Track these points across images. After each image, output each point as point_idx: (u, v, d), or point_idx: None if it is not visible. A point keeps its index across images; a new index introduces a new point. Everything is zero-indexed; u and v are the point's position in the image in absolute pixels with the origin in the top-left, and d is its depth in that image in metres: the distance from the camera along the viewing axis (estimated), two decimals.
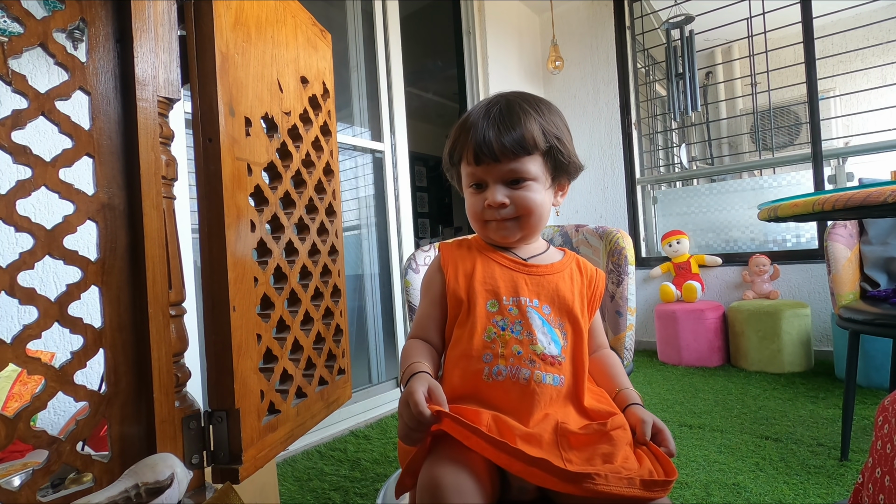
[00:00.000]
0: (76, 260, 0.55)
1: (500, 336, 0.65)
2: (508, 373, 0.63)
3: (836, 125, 3.48)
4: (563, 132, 0.72)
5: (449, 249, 0.74)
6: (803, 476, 1.33)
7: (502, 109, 0.69)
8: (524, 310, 0.67)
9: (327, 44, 1.06)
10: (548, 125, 0.69)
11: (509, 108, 0.69)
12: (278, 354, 0.80)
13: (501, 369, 0.63)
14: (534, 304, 0.68)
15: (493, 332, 0.66)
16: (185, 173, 1.22)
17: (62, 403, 1.17)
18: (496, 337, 0.65)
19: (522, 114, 0.68)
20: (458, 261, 0.72)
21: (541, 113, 0.70)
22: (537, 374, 0.63)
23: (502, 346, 0.64)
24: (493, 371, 0.63)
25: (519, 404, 0.62)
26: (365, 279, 2.36)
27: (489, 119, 0.68)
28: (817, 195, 0.96)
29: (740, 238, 2.92)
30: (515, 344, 0.64)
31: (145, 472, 0.53)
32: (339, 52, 2.32)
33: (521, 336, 0.65)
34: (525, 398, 0.62)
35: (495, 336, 0.65)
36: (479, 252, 0.73)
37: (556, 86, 3.40)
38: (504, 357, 0.64)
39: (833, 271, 1.57)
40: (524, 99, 0.71)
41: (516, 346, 0.64)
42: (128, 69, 0.61)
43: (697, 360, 2.55)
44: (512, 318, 0.66)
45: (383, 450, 1.70)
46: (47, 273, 1.19)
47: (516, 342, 0.65)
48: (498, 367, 0.64)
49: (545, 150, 0.69)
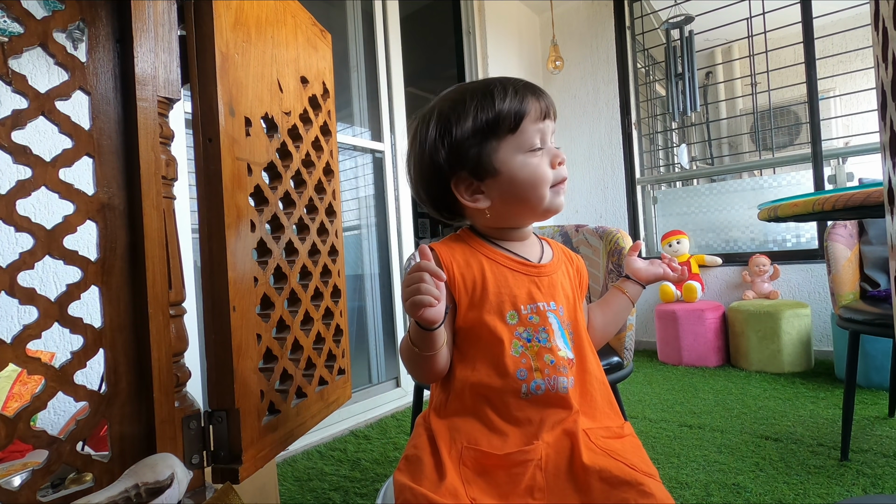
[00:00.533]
0: (76, 260, 0.55)
1: (527, 348, 0.62)
2: (547, 385, 0.60)
3: (836, 125, 3.48)
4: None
5: (446, 249, 0.66)
6: (803, 476, 1.33)
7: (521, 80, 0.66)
8: (544, 315, 0.63)
9: (327, 44, 1.06)
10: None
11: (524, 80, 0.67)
12: (278, 354, 0.80)
13: (540, 383, 0.60)
14: (551, 307, 0.65)
15: (520, 346, 0.62)
16: (185, 173, 1.22)
17: (62, 403, 1.17)
18: (524, 350, 0.62)
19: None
20: (461, 263, 0.64)
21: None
22: (570, 381, 0.62)
23: (534, 358, 0.61)
24: (531, 387, 0.60)
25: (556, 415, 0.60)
26: (365, 279, 2.36)
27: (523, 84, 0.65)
28: (817, 195, 0.96)
29: (740, 238, 2.92)
30: (546, 353, 0.61)
31: (145, 472, 0.53)
32: (339, 52, 2.32)
33: (549, 344, 0.62)
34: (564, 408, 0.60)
35: (523, 350, 0.62)
36: (481, 253, 0.66)
37: (556, 86, 3.40)
38: (539, 370, 0.61)
39: (833, 271, 1.57)
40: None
41: (548, 355, 0.61)
42: (128, 69, 0.61)
43: (697, 360, 2.55)
44: (535, 327, 0.63)
45: (383, 450, 1.70)
46: (47, 273, 1.19)
47: (546, 351, 0.61)
48: (536, 382, 0.60)
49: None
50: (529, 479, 0.56)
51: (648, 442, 1.63)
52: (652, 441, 1.63)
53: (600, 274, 1.18)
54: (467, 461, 0.58)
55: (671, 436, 1.66)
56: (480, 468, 0.57)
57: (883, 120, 0.51)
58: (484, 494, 0.55)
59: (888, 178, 0.51)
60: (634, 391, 2.17)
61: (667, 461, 1.47)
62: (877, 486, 1.26)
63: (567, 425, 0.60)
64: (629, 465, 0.55)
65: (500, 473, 0.57)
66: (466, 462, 0.58)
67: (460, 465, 0.58)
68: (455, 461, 0.58)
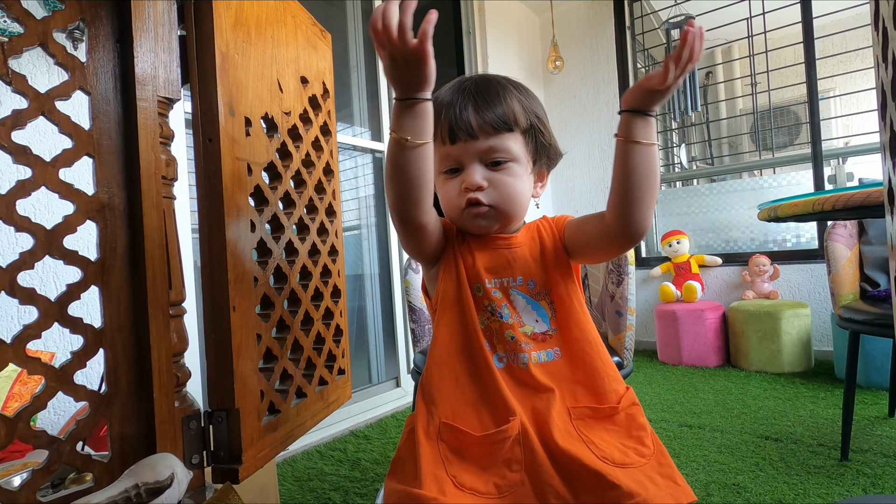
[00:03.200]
0: (76, 260, 0.55)
1: (491, 321, 0.62)
2: (509, 359, 0.61)
3: (836, 125, 3.48)
4: (542, 113, 0.66)
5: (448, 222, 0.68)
6: (803, 476, 1.33)
7: (478, 84, 0.63)
8: (507, 290, 0.64)
9: (327, 44, 1.06)
10: (528, 102, 0.64)
11: (486, 83, 0.63)
12: (278, 354, 0.80)
13: (502, 356, 0.61)
14: (517, 282, 0.64)
15: (486, 318, 0.63)
16: (185, 173, 1.22)
17: (62, 403, 1.17)
18: (489, 323, 0.62)
19: (501, 89, 0.62)
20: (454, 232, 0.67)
21: (519, 90, 0.65)
22: (533, 356, 0.61)
23: (496, 332, 0.62)
24: (495, 359, 0.61)
25: (525, 390, 0.60)
26: (365, 279, 2.36)
27: (464, 93, 0.62)
28: (817, 195, 0.96)
29: (740, 238, 2.92)
30: (507, 329, 0.62)
31: (145, 472, 0.53)
32: (339, 52, 2.32)
33: (509, 319, 0.62)
34: (529, 383, 0.60)
35: (488, 322, 0.62)
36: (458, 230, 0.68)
37: (556, 86, 3.40)
38: (501, 343, 0.62)
39: (833, 271, 1.57)
40: (499, 77, 0.65)
41: (508, 331, 0.62)
42: (128, 69, 0.61)
43: (697, 360, 2.55)
44: (498, 302, 0.63)
45: (383, 450, 1.70)
46: (47, 273, 1.19)
47: (508, 327, 0.62)
48: (498, 355, 0.61)
49: (526, 129, 0.63)
50: (508, 451, 0.56)
51: None
52: None
53: (600, 274, 1.18)
54: (445, 436, 0.58)
55: (671, 436, 1.66)
56: (458, 444, 0.57)
57: (883, 120, 0.51)
58: (463, 471, 0.55)
59: (888, 178, 0.51)
60: (634, 391, 2.16)
61: None
62: (877, 486, 1.26)
63: (537, 404, 0.59)
64: (599, 456, 0.55)
65: (477, 449, 0.57)
66: (444, 437, 0.58)
67: (438, 441, 0.58)
68: (433, 438, 0.58)
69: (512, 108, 0.61)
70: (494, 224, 0.64)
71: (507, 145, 0.61)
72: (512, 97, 0.62)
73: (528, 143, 0.64)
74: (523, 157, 0.63)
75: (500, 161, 0.62)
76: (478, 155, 0.61)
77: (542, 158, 0.67)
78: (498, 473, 0.55)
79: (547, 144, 0.66)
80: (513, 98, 0.62)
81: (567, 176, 3.37)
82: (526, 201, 0.65)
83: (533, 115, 0.64)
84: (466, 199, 0.62)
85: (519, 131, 0.62)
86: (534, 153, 0.65)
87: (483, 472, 0.55)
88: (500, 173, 0.62)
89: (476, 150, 0.61)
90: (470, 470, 0.55)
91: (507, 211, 0.63)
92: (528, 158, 0.64)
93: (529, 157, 0.64)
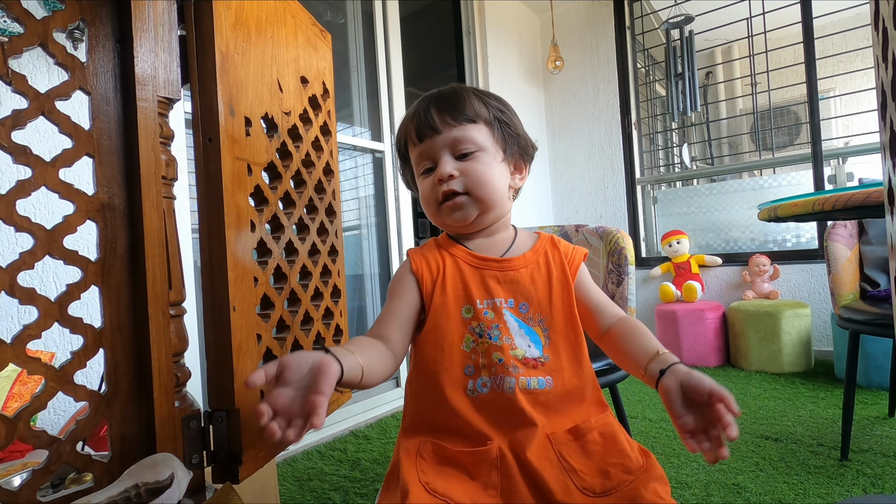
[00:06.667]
0: (76, 260, 0.55)
1: (478, 344, 0.61)
2: (493, 384, 0.59)
3: (836, 125, 3.48)
4: (507, 108, 0.69)
5: (418, 253, 0.69)
6: (803, 476, 1.33)
7: (442, 92, 0.68)
8: (500, 312, 0.62)
9: (327, 44, 1.06)
10: (489, 99, 0.67)
11: (448, 89, 0.68)
12: (278, 354, 0.80)
13: (486, 381, 0.60)
14: (508, 304, 0.63)
15: (472, 341, 0.61)
16: (185, 173, 1.22)
17: (62, 403, 1.17)
18: (475, 346, 0.61)
19: (461, 90, 0.67)
20: (429, 263, 0.67)
21: (481, 92, 0.68)
22: (522, 381, 0.59)
23: (483, 355, 0.60)
24: (477, 384, 0.60)
25: (508, 418, 0.59)
26: (365, 279, 2.36)
27: (427, 99, 0.67)
28: (817, 195, 0.96)
29: (740, 238, 2.92)
30: (496, 351, 0.60)
31: (145, 472, 0.53)
32: (339, 52, 2.32)
33: (499, 342, 0.61)
34: (514, 411, 0.58)
35: (474, 345, 0.61)
36: (447, 252, 0.68)
37: (556, 86, 3.40)
38: (486, 367, 0.60)
39: (833, 271, 1.57)
40: (466, 86, 0.69)
41: (496, 353, 0.60)
42: (128, 69, 0.60)
43: (697, 360, 2.55)
44: (489, 323, 0.61)
45: (383, 450, 1.70)
46: (47, 273, 1.19)
47: (496, 349, 0.60)
48: (482, 379, 0.60)
49: (489, 120, 0.66)
50: (486, 475, 0.56)
51: (648, 442, 1.63)
52: (652, 441, 1.63)
53: (600, 274, 1.18)
54: (424, 453, 0.58)
55: (671, 436, 1.66)
56: (437, 459, 0.58)
57: (883, 120, 0.51)
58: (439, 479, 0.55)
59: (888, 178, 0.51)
60: (634, 391, 2.17)
61: (667, 461, 1.47)
62: (877, 486, 1.26)
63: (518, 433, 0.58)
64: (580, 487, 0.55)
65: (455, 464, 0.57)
66: (424, 454, 0.58)
67: (417, 459, 0.58)
68: (412, 456, 0.58)
69: (472, 103, 0.65)
70: (472, 212, 0.65)
71: (471, 136, 0.64)
72: (471, 96, 0.66)
73: (493, 133, 0.66)
74: (490, 146, 0.66)
75: (468, 151, 0.64)
76: (445, 147, 0.65)
77: (512, 148, 0.68)
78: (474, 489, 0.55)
79: (515, 134, 0.68)
80: (472, 96, 0.66)
81: (567, 176, 3.37)
82: (501, 188, 0.66)
83: (496, 108, 0.67)
84: (442, 192, 0.64)
85: (482, 122, 0.66)
86: (502, 143, 0.67)
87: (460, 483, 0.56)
88: (469, 162, 0.64)
89: (443, 142, 0.64)
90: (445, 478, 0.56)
91: (482, 196, 0.64)
92: (496, 148, 0.66)
93: (498, 147, 0.67)
